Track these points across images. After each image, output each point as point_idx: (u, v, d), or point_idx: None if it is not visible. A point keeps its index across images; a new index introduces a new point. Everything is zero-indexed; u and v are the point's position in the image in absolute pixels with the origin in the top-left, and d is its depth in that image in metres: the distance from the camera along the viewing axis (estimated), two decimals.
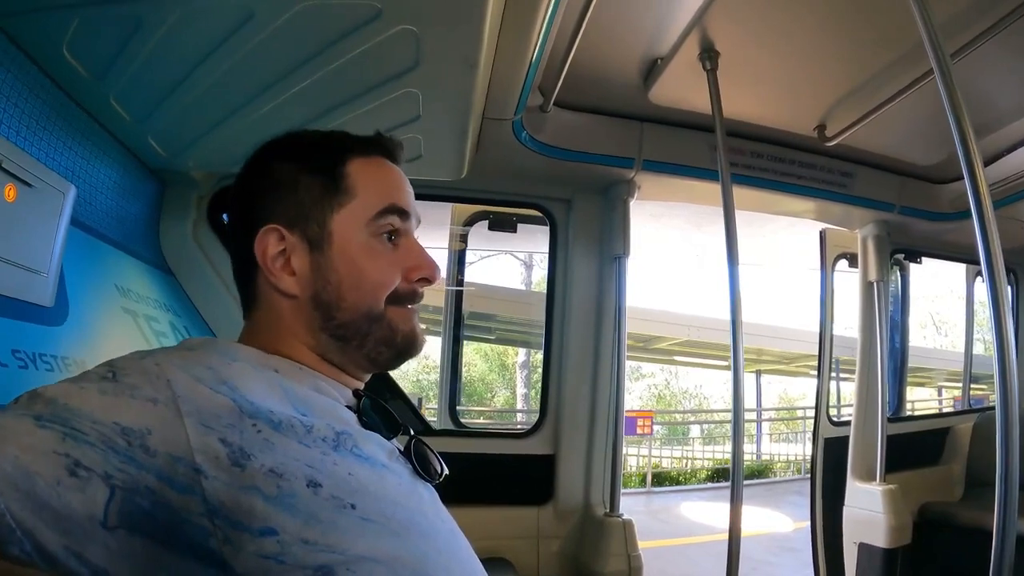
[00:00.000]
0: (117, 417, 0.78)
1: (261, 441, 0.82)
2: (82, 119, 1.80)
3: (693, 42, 2.30)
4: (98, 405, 0.79)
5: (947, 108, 1.71)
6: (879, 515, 3.23)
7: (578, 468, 2.92)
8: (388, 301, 1.08)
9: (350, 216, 1.08)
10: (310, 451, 0.86)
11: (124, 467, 0.75)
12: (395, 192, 1.13)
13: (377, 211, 1.09)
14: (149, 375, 0.84)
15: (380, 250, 1.09)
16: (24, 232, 1.42)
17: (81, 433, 0.75)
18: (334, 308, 1.06)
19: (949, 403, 18.27)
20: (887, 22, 2.14)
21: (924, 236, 3.67)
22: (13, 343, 1.34)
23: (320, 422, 0.91)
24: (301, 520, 0.79)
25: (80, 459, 0.73)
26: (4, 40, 1.44)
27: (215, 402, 0.83)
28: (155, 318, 2.07)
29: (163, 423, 0.79)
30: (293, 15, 1.43)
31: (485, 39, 1.57)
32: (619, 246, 2.91)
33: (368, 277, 1.07)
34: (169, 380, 0.83)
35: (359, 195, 1.09)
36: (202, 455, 0.78)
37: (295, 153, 1.15)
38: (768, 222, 6.02)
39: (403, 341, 1.10)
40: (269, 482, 0.79)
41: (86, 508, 0.72)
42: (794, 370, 21.35)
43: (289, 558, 0.77)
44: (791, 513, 9.89)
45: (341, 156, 1.12)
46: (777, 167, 3.02)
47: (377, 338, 1.08)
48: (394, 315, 1.09)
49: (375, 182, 1.12)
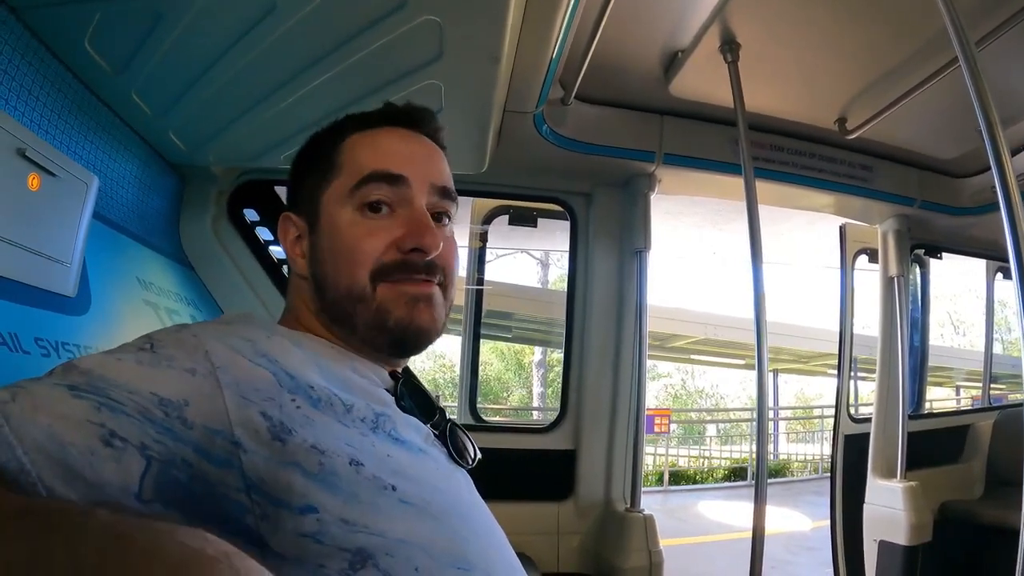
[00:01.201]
0: (154, 387, 0.76)
1: (301, 417, 0.81)
2: (103, 113, 1.80)
3: (714, 34, 2.29)
4: (135, 375, 0.77)
5: (973, 97, 1.68)
6: (900, 512, 3.19)
7: (599, 463, 2.90)
8: (373, 277, 1.02)
9: (335, 191, 1.07)
10: (349, 430, 0.85)
11: (161, 439, 0.73)
12: (382, 157, 1.07)
13: (356, 180, 1.05)
14: (187, 346, 0.83)
15: (361, 221, 1.04)
16: (47, 221, 1.43)
17: (117, 403, 0.73)
18: (324, 287, 1.05)
19: (967, 403, 18.15)
20: (908, 12, 2.12)
21: (944, 231, 3.63)
22: (36, 331, 1.35)
23: (360, 402, 0.90)
24: (342, 499, 0.78)
25: (116, 429, 0.72)
26: (26, 34, 1.44)
27: (254, 374, 0.82)
28: (176, 311, 2.07)
29: (201, 395, 0.78)
30: (316, 6, 1.42)
31: (508, 31, 1.56)
32: (640, 240, 2.89)
33: (345, 251, 1.03)
34: (207, 351, 0.82)
35: (344, 169, 1.07)
36: (241, 428, 0.77)
37: (307, 145, 1.19)
38: (785, 220, 5.99)
39: (397, 325, 1.02)
40: (311, 458, 0.78)
41: (120, 479, 0.71)
42: (812, 369, 21.19)
43: (327, 538, 0.75)
44: (809, 512, 9.85)
45: (339, 136, 1.12)
46: (797, 160, 2.99)
47: (365, 321, 1.02)
48: (384, 294, 1.02)
49: (362, 152, 1.08)
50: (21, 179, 1.34)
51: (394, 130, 1.12)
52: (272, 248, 2.66)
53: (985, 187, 3.19)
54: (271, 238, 2.66)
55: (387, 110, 1.15)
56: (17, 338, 1.28)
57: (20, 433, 0.68)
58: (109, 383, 0.75)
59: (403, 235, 1.02)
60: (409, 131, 1.13)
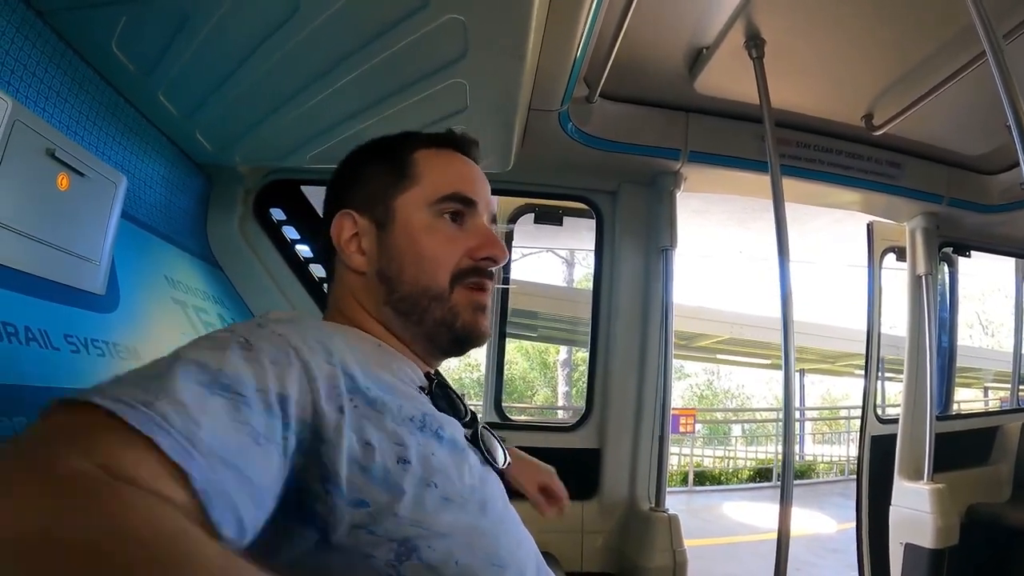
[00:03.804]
0: (269, 383, 0.77)
1: (360, 414, 0.85)
2: (131, 114, 1.82)
3: (738, 31, 2.27)
4: (250, 372, 0.77)
5: (1001, 92, 1.66)
6: (926, 515, 3.15)
7: (624, 462, 2.89)
8: (453, 280, 1.12)
9: (413, 198, 1.15)
10: (399, 429, 0.88)
11: (286, 434, 0.77)
12: (461, 182, 1.17)
13: (440, 196, 1.14)
14: (277, 343, 0.84)
15: (441, 228, 1.14)
16: (77, 221, 1.45)
17: (249, 401, 0.74)
18: (396, 281, 1.13)
19: (996, 404, 17.90)
20: (935, 6, 2.09)
21: (973, 229, 3.57)
22: (65, 328, 1.37)
23: (408, 403, 0.94)
24: (392, 494, 0.83)
25: (257, 428, 0.72)
26: (54, 37, 1.47)
27: (329, 373, 0.86)
28: (203, 309, 2.10)
29: (300, 390, 0.81)
30: (340, 6, 1.43)
31: (532, 29, 1.56)
32: (666, 238, 2.87)
33: (426, 252, 1.12)
34: (295, 348, 0.84)
35: (423, 181, 1.16)
36: (324, 423, 0.81)
37: (370, 149, 1.25)
38: (812, 217, 5.95)
39: (462, 327, 1.13)
40: (367, 455, 0.83)
41: (269, 479, 0.73)
42: (838, 369, 20.99)
43: (379, 530, 0.81)
44: (835, 514, 9.76)
45: (409, 146, 1.21)
46: (824, 157, 2.96)
47: (436, 317, 1.12)
48: (459, 298, 1.13)
49: (440, 170, 1.18)
50: (51, 179, 1.36)
51: (458, 155, 1.23)
52: (298, 247, 2.67)
53: (1014, 184, 3.15)
54: (297, 237, 2.68)
55: (451, 136, 1.24)
56: (47, 335, 1.30)
57: (191, 438, 0.65)
58: (233, 380, 0.74)
59: (477, 245, 1.14)
60: (468, 159, 1.24)
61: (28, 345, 1.23)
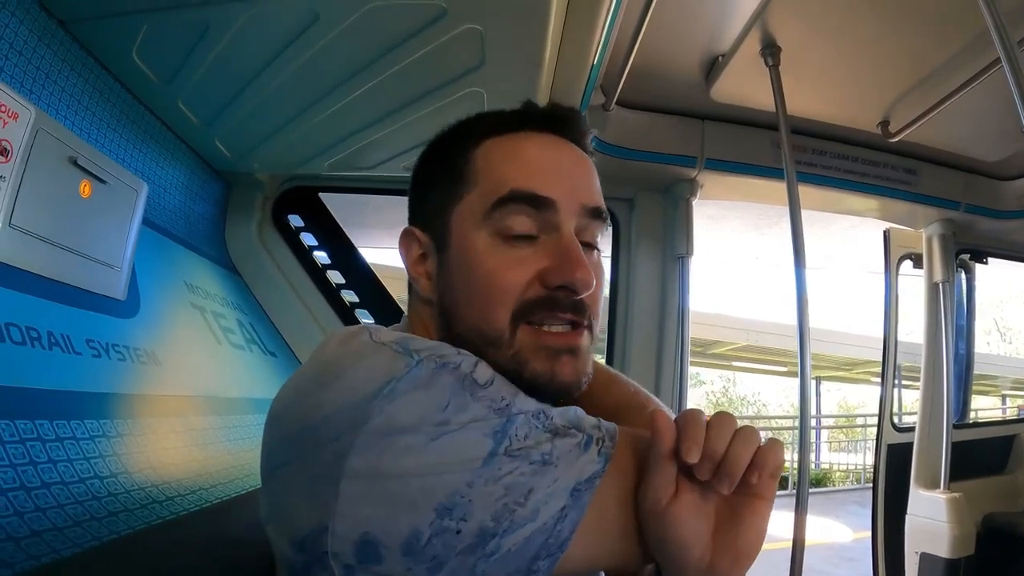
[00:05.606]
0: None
1: None
2: (151, 122, 1.85)
3: (754, 38, 2.27)
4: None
5: (1016, 98, 1.65)
6: (943, 524, 3.13)
7: None
8: (515, 317, 0.84)
9: (467, 209, 0.89)
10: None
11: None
12: (525, 172, 0.88)
13: (495, 200, 0.87)
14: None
15: (501, 248, 0.86)
16: (99, 227, 1.47)
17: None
18: (453, 318, 0.90)
19: (1013, 412, 17.75)
20: (949, 12, 2.08)
21: (990, 235, 3.55)
22: (87, 333, 1.39)
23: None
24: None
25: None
26: (75, 46, 1.49)
27: None
28: (223, 315, 2.11)
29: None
30: (358, 16, 1.44)
31: (549, 38, 1.56)
32: (682, 246, 2.86)
33: (479, 284, 0.86)
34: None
35: (479, 183, 0.89)
36: None
37: (431, 146, 1.02)
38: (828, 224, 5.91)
39: (533, 378, 0.83)
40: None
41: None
42: (854, 376, 20.86)
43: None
44: (850, 523, 9.71)
45: (468, 140, 0.94)
46: (840, 164, 2.95)
47: (501, 365, 0.82)
48: (524, 340, 0.84)
49: (499, 164, 0.90)
50: (73, 186, 1.38)
51: (535, 135, 0.93)
52: (316, 253, 2.68)
53: None
54: (315, 243, 2.69)
55: (527, 110, 0.97)
56: (69, 340, 1.31)
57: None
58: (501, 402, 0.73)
59: (550, 268, 0.85)
60: (554, 136, 0.94)
61: (51, 350, 1.24)
